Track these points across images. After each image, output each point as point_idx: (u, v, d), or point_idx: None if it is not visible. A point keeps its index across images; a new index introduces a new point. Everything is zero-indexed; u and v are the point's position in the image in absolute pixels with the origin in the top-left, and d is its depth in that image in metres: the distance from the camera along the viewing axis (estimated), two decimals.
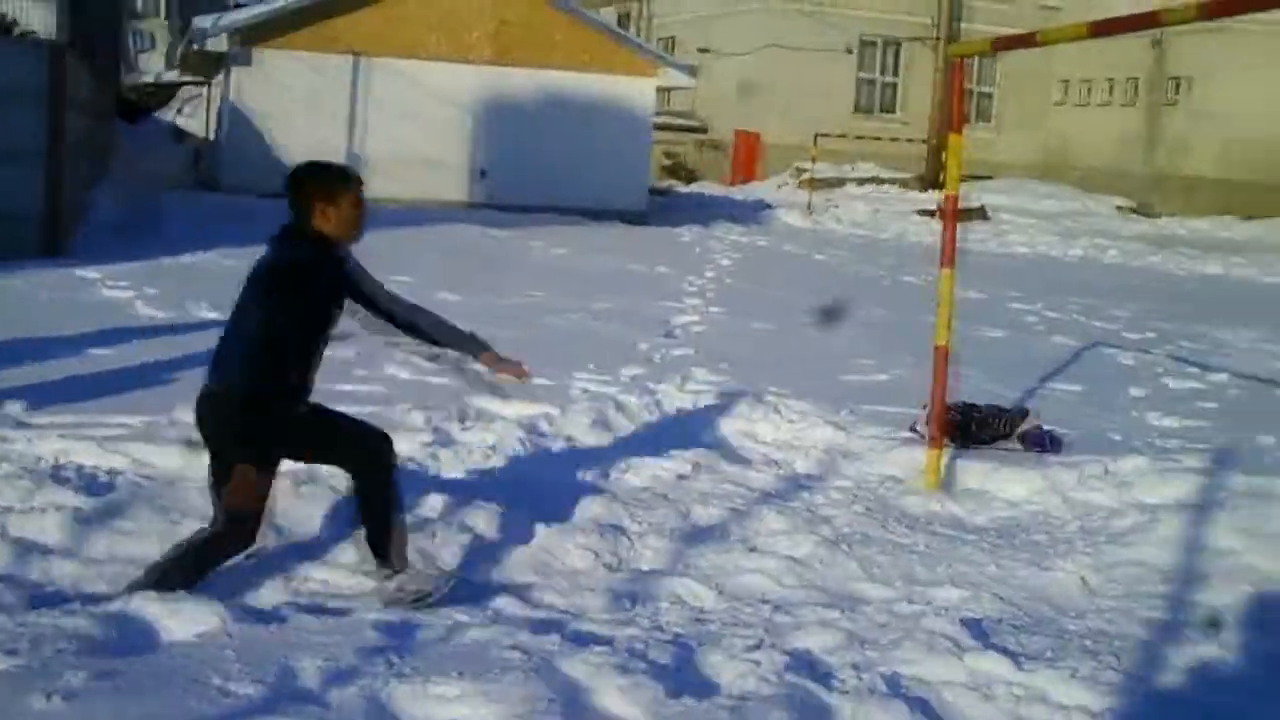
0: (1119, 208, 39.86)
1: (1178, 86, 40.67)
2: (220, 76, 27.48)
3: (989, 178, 39.49)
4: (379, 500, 5.71)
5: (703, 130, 43.76)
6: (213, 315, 11.22)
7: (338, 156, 26.32)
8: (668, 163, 42.46)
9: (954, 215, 8.05)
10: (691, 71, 30.16)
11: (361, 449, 5.73)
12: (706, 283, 17.20)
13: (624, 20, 48.49)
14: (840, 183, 37.23)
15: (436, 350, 6.02)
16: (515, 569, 6.13)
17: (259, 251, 5.68)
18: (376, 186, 27.08)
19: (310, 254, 5.60)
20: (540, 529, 6.49)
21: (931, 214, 30.96)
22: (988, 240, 28.97)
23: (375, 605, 5.49)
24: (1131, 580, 6.55)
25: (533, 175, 26.80)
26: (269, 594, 5.60)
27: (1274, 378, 12.74)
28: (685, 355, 11.34)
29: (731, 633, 5.39)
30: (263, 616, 5.16)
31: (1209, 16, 5.96)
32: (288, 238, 5.69)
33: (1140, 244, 30.35)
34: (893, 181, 37.70)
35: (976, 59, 43.90)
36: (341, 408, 5.96)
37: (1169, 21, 6.17)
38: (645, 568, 6.30)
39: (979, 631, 5.50)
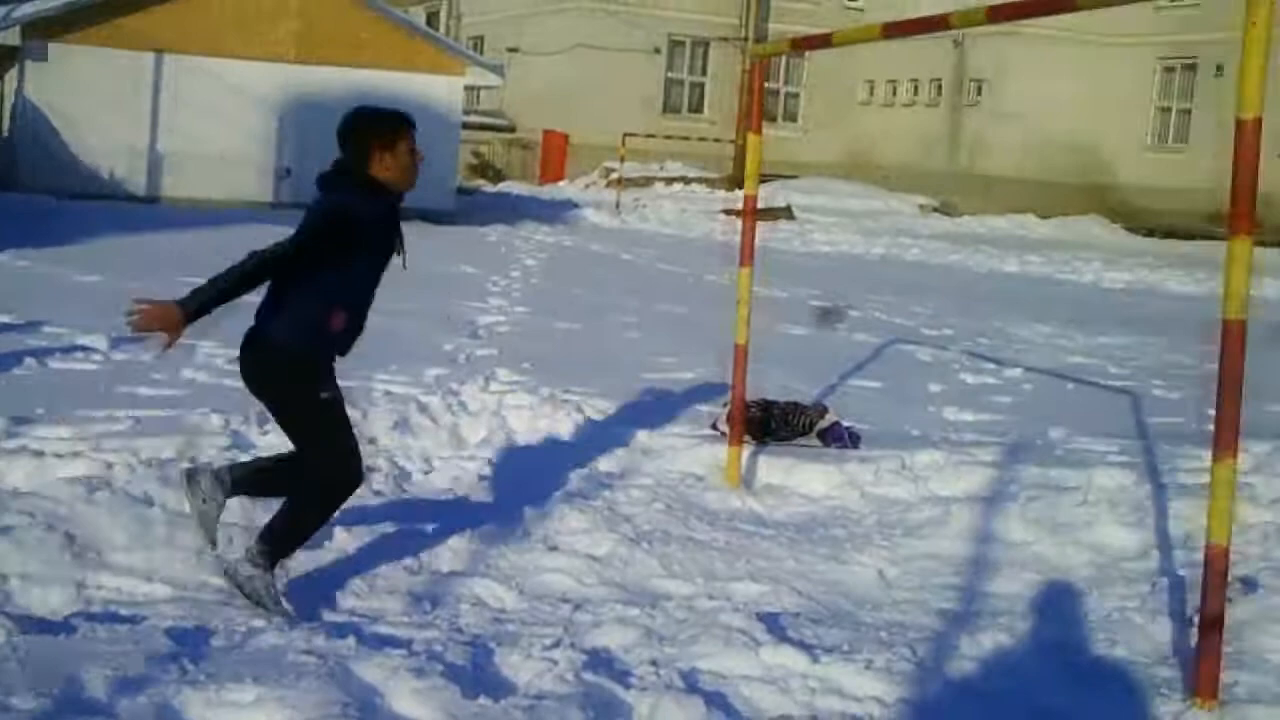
0: (921, 206, 40.64)
1: (979, 88, 41.58)
2: (13, 71, 26.75)
3: (795, 177, 40.02)
4: (310, 500, 5.69)
5: (511, 130, 43.72)
6: (4, 319, 10.92)
7: (138, 157, 26.09)
8: (475, 162, 42.36)
9: (752, 215, 8.12)
10: (499, 70, 30.10)
11: (335, 458, 5.68)
12: (512, 282, 17.18)
13: (432, 19, 48.26)
14: (648, 182, 37.43)
15: None
16: (313, 572, 6.05)
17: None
18: (177, 187, 26.60)
19: (362, 200, 5.59)
20: (339, 532, 6.42)
21: (738, 213, 31.25)
22: (793, 239, 29.34)
23: (169, 613, 5.38)
24: (926, 572, 6.68)
25: None
26: (57, 603, 5.46)
27: (1066, 372, 13.07)
28: (489, 355, 11.31)
29: (530, 632, 5.38)
30: (50, 627, 5.03)
31: (996, 20, 6.10)
32: (339, 182, 5.66)
33: (941, 242, 30.95)
34: (700, 181, 38.01)
35: (784, 59, 44.51)
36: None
37: (957, 24, 6.30)
38: (445, 569, 6.26)
39: (776, 625, 5.56)
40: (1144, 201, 39.53)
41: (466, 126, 34.10)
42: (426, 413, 8.94)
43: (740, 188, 8.41)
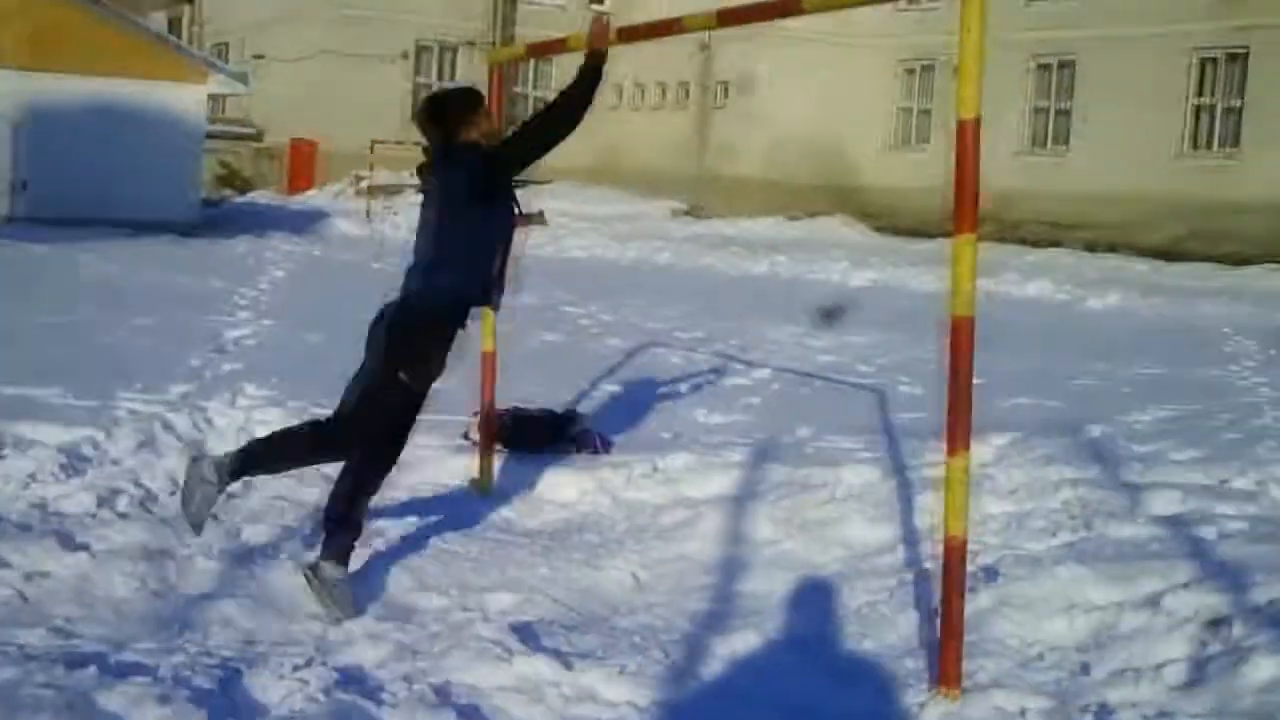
0: (672, 210, 41.03)
1: (725, 90, 42.13)
2: None
3: (548, 182, 40.07)
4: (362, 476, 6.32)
5: (258, 138, 43.02)
6: None
7: None
8: (222, 172, 41.59)
9: None
10: (243, 78, 29.62)
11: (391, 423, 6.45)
12: (260, 295, 16.91)
13: (174, 26, 47.24)
14: (399, 190, 37.13)
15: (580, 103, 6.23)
16: (54, 602, 5.85)
17: None
18: None
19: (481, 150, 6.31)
20: (83, 558, 6.25)
21: None
22: (545, 245, 29.39)
23: None
24: (679, 575, 6.76)
25: (79, 187, 25.81)
26: None
27: (813, 371, 13.32)
28: (236, 370, 11.10)
29: (281, 652, 5.30)
30: None
31: (727, 24, 6.22)
32: (456, 149, 6.40)
33: (692, 245, 31.31)
34: None
35: (532, 64, 44.57)
36: None
37: (690, 27, 6.43)
38: (194, 591, 6.13)
39: (529, 634, 5.57)
40: (887, 201, 40.50)
41: (212, 136, 33.49)
42: (172, 431, 8.76)
43: None
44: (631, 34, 6.98)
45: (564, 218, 35.33)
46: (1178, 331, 19.91)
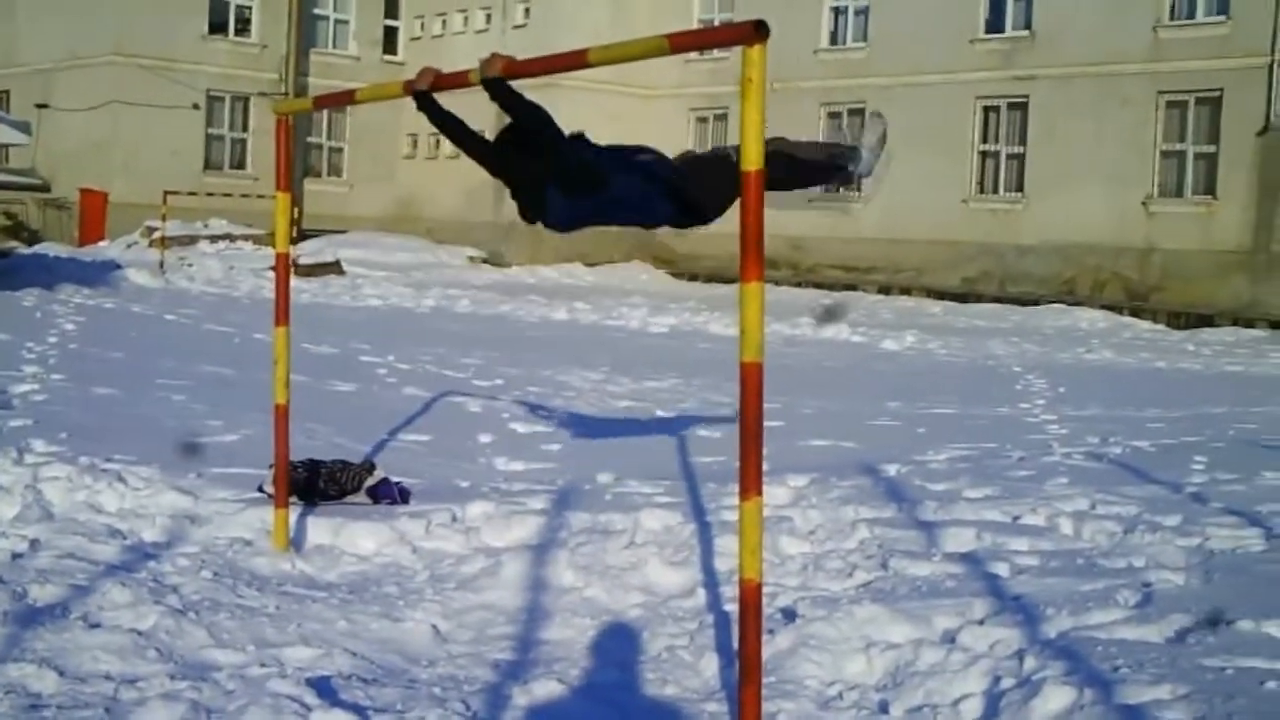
0: (470, 258, 40.95)
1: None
2: None
3: (344, 231, 39.80)
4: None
5: (46, 189, 42.01)
6: None
7: None
8: (7, 223, 40.55)
9: (285, 273, 8.00)
10: (24, 128, 28.90)
11: None
12: (48, 348, 16.46)
13: None
14: (193, 240, 36.55)
15: None
16: None
17: None
18: None
19: None
20: None
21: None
22: (343, 294, 29.15)
23: None
24: (480, 624, 6.71)
25: None
26: None
27: (612, 415, 13.36)
28: (23, 426, 10.78)
29: (68, 716, 5.15)
30: None
31: (515, 75, 6.27)
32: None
33: (491, 293, 31.24)
34: (246, 238, 37.32)
35: (326, 114, 44.25)
36: None
37: (475, 80, 6.48)
38: None
39: (327, 689, 5.48)
40: (685, 247, 40.83)
41: None
42: None
43: (292, 244, 8.31)
44: (412, 86, 6.97)
45: (361, 267, 35.05)
46: (971, 371, 20.37)
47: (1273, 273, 30.91)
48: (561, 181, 6.94)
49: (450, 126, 7.15)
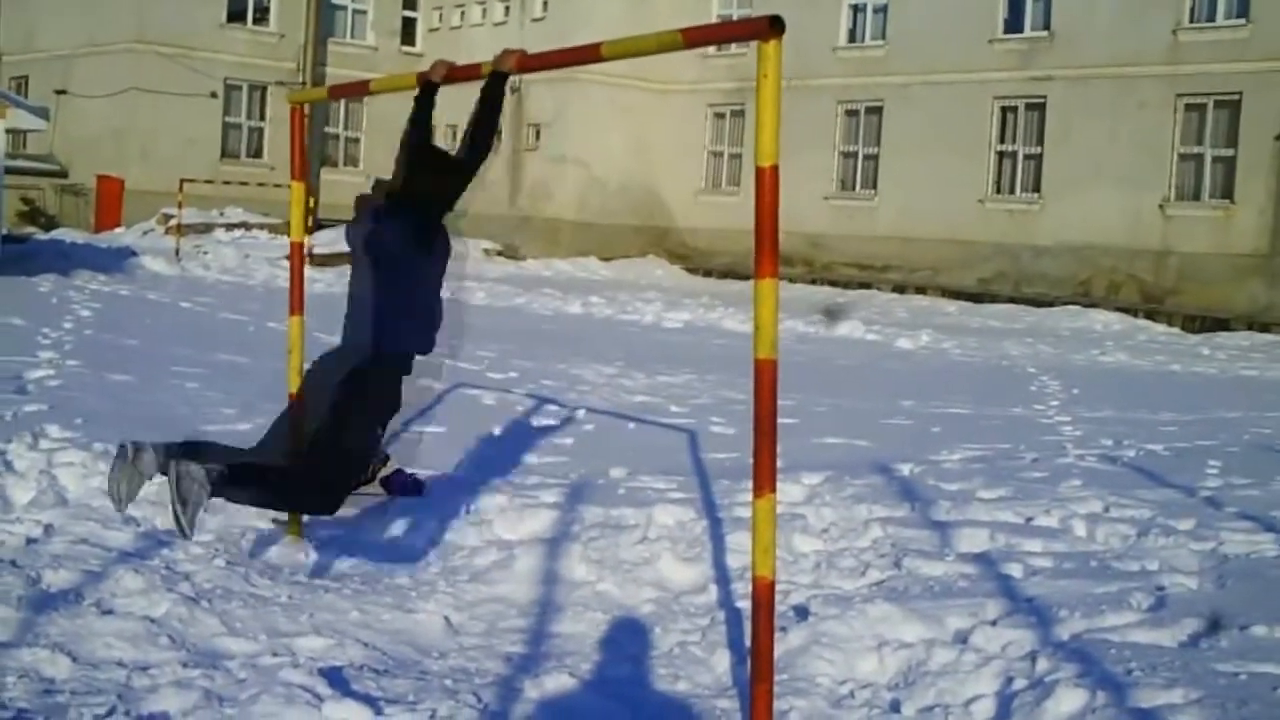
0: (486, 250, 40.92)
1: (537, 132, 42.23)
2: None
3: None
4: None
5: (63, 175, 42.08)
6: None
7: None
8: (25, 209, 40.62)
9: (300, 262, 8.03)
10: (43, 114, 28.90)
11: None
12: (64, 334, 16.50)
13: None
14: (209, 229, 36.59)
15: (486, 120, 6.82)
16: None
17: None
18: None
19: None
20: None
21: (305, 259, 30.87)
22: None
23: None
24: (492, 617, 6.71)
25: None
26: None
27: (628, 411, 13.35)
28: (38, 411, 10.81)
29: (81, 702, 5.15)
30: None
31: (528, 69, 6.27)
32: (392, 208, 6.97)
33: (507, 286, 31.22)
34: (262, 227, 37.36)
35: (343, 104, 44.29)
36: None
37: (485, 73, 6.50)
38: None
39: (339, 679, 5.48)
40: (700, 243, 40.87)
41: (12, 171, 32.69)
42: None
43: (307, 233, 8.33)
44: (427, 77, 6.99)
45: None
46: (985, 372, 20.34)
47: None
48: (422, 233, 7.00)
49: (421, 128, 7.06)
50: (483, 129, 6.84)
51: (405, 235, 6.84)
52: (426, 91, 6.92)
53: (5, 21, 46.30)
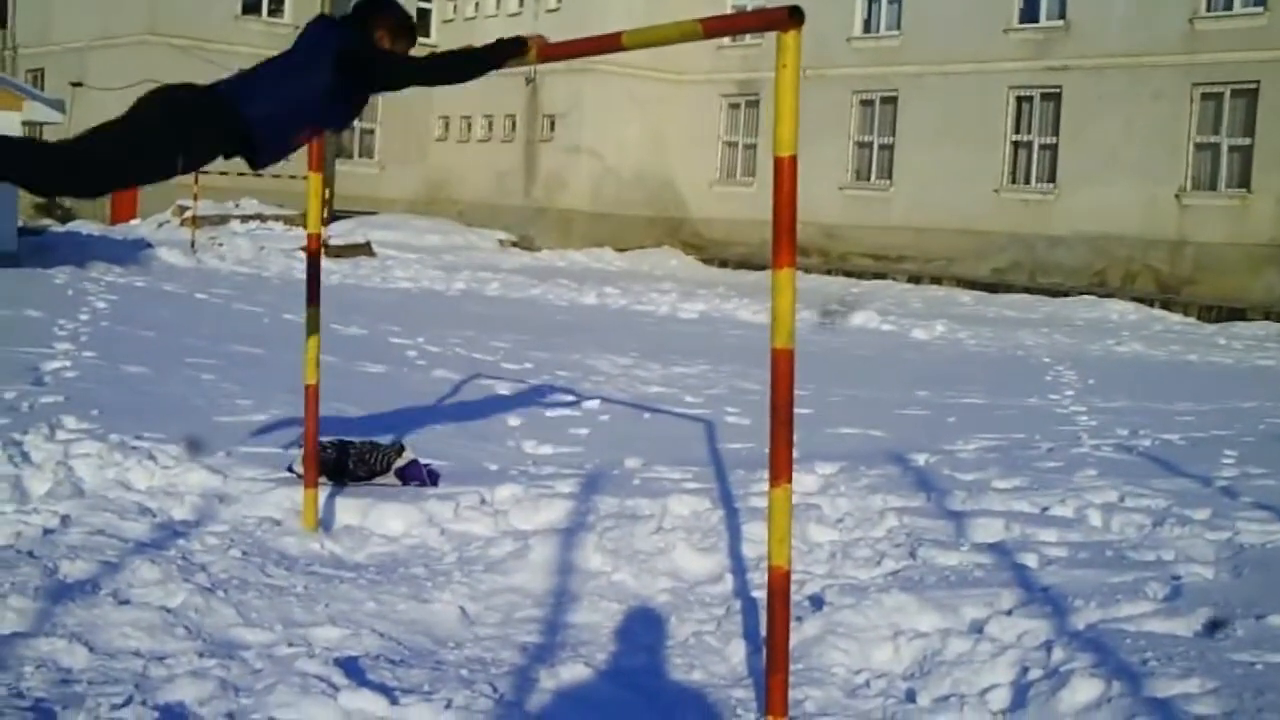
0: (501, 241, 41.00)
1: (551, 123, 42.25)
2: None
3: (375, 213, 39.88)
4: None
5: None
6: None
7: None
8: (42, 201, 40.68)
9: (317, 253, 8.02)
10: (59, 106, 28.98)
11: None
12: (80, 326, 16.53)
13: None
14: (224, 220, 36.66)
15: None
16: None
17: None
18: None
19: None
20: None
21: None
22: (373, 275, 29.21)
23: None
24: (508, 607, 6.71)
25: None
26: None
27: (643, 402, 13.35)
28: (55, 403, 10.83)
29: (98, 691, 5.16)
30: None
31: (545, 59, 6.27)
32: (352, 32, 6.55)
33: (521, 276, 31.26)
34: (277, 218, 37.42)
35: None
36: None
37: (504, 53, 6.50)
38: (7, 630, 5.93)
39: (355, 669, 5.49)
40: (715, 233, 40.88)
41: None
42: None
43: (322, 225, 8.35)
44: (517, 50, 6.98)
45: (391, 249, 35.11)
46: (1000, 362, 20.32)
47: None
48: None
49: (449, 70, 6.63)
50: (463, 70, 6.47)
51: (336, 68, 6.39)
52: (497, 59, 6.52)
53: (21, 14, 46.40)
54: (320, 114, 6.55)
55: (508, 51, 6.45)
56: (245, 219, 37.28)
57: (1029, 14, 35.66)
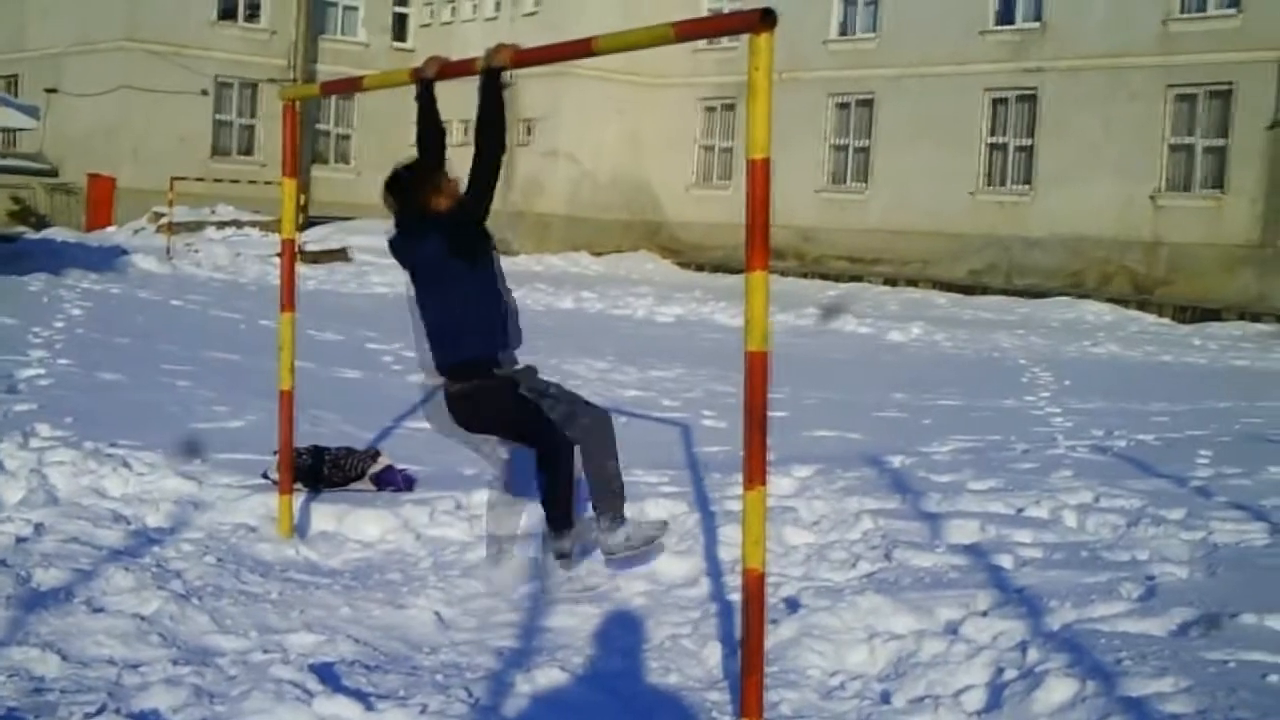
0: None
1: (529, 128, 42.18)
2: None
3: (352, 218, 39.79)
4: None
5: (53, 174, 42.02)
6: None
7: None
8: (15, 207, 40.55)
9: (291, 259, 8.01)
10: (33, 113, 28.89)
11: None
12: (55, 333, 16.48)
13: None
14: (200, 226, 36.56)
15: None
16: None
17: None
18: None
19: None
20: None
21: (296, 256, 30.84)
22: (349, 281, 29.15)
23: None
24: (485, 611, 6.72)
25: None
26: None
27: (620, 405, 13.32)
28: (29, 410, 10.79)
29: (71, 700, 5.15)
30: None
31: (523, 64, 6.32)
32: (429, 227, 7.07)
33: None
34: (253, 224, 37.33)
35: (334, 100, 44.25)
36: None
37: (480, 70, 6.51)
38: None
39: (330, 675, 5.48)
40: (692, 237, 40.87)
41: (3, 170, 32.64)
42: None
43: (298, 230, 8.35)
44: (419, 73, 7.03)
45: (368, 254, 35.01)
46: (976, 364, 20.37)
47: None
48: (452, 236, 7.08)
49: (428, 127, 7.31)
50: (489, 132, 6.93)
51: (446, 251, 6.99)
52: (424, 89, 7.02)
53: None
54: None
55: (490, 86, 6.76)
56: (221, 225, 37.19)
57: (1005, 16, 35.73)
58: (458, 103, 7.53)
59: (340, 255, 33.62)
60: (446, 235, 6.96)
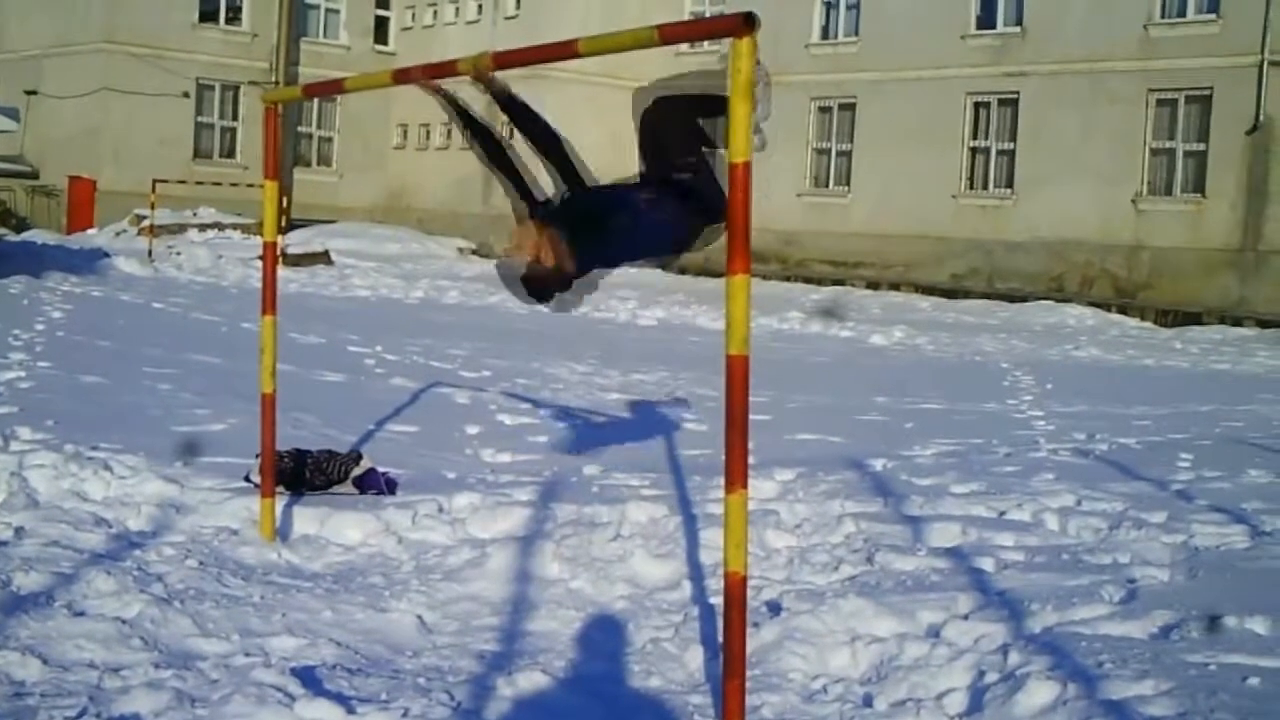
0: (460, 249, 40.94)
1: (511, 132, 42.08)
2: None
3: (333, 221, 39.78)
4: None
5: (34, 176, 41.94)
6: None
7: None
8: None
9: (273, 262, 7.98)
10: (13, 115, 28.85)
11: None
12: (35, 336, 16.41)
13: None
14: (182, 229, 36.52)
15: None
16: None
17: None
18: None
19: None
20: None
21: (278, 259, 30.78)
22: (331, 284, 29.10)
23: None
24: (466, 615, 6.70)
25: None
26: None
27: (599, 409, 13.35)
28: (9, 413, 10.75)
29: (52, 704, 5.13)
30: None
31: (504, 66, 6.29)
32: None
33: (480, 284, 31.15)
34: (235, 227, 37.29)
35: (316, 103, 44.24)
36: None
37: (464, 70, 6.50)
38: None
39: (312, 679, 5.48)
40: None
41: None
42: None
43: (280, 233, 8.36)
44: (405, 76, 7.01)
45: (350, 257, 35.02)
46: (959, 367, 20.39)
47: (1261, 271, 30.97)
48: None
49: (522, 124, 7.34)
50: (532, 132, 7.25)
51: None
52: (504, 99, 7.14)
53: None
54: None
55: (506, 103, 7.07)
56: (203, 228, 37.15)
57: (986, 20, 35.82)
58: (435, 106, 7.51)
59: (322, 258, 33.60)
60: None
